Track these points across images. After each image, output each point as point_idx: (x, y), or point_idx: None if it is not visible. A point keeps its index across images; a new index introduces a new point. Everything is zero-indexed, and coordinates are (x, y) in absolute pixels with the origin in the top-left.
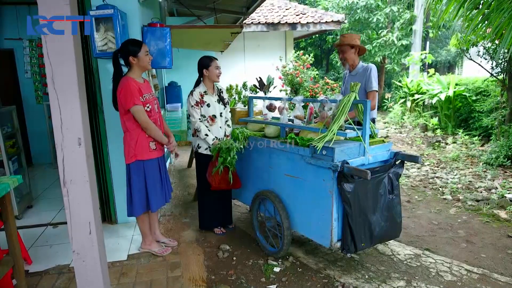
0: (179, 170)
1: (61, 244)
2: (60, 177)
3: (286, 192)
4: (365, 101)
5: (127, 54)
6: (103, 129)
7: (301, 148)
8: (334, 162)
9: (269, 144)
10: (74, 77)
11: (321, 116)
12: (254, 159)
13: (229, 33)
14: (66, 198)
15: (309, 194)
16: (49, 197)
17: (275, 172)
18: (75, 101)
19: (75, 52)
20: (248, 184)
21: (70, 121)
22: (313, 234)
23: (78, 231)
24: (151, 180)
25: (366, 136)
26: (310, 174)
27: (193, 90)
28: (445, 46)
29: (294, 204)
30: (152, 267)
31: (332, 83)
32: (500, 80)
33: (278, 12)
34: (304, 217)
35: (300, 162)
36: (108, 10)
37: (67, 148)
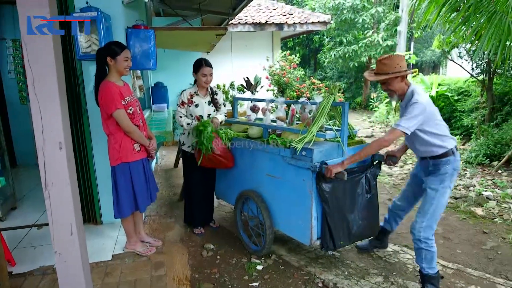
0: (166, 170)
1: (45, 246)
2: (42, 180)
3: (268, 191)
4: (344, 103)
5: (106, 53)
6: (87, 130)
7: (282, 149)
8: (313, 162)
9: (251, 145)
10: (54, 81)
11: (302, 117)
12: (237, 159)
13: (214, 34)
14: (47, 200)
15: (290, 194)
16: (33, 198)
17: (257, 172)
18: (56, 106)
19: (55, 57)
20: (232, 184)
21: (51, 125)
22: (294, 232)
23: (60, 232)
24: (137, 181)
25: (344, 137)
26: (291, 174)
27: (184, 90)
28: (430, 46)
29: (275, 203)
30: (136, 266)
31: (318, 83)
32: (480, 81)
33: (265, 12)
34: (285, 216)
35: (281, 162)
36: (91, 13)
37: (48, 151)
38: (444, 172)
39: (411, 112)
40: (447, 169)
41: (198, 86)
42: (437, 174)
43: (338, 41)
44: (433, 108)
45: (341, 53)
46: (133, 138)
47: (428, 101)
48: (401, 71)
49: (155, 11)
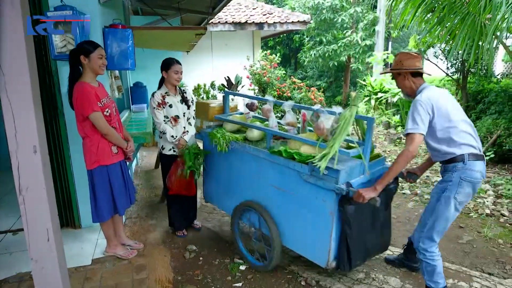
0: (146, 171)
1: (21, 252)
2: (16, 185)
3: (275, 205)
4: (370, 118)
5: (79, 52)
6: (64, 132)
7: (298, 164)
8: (338, 185)
9: (259, 153)
10: (27, 83)
11: (317, 127)
12: (237, 165)
13: (194, 34)
14: (22, 206)
15: (304, 212)
16: (8, 203)
17: (263, 183)
18: (29, 108)
19: (28, 57)
20: (229, 191)
21: (24, 129)
22: (307, 252)
23: (36, 238)
24: (116, 184)
25: (367, 155)
26: (307, 191)
27: (154, 92)
28: (407, 46)
29: (284, 219)
30: (117, 270)
31: (299, 82)
32: (455, 80)
33: (245, 12)
34: (297, 234)
35: (295, 177)
36: (66, 11)
37: (22, 155)
38: (448, 179)
39: (411, 112)
40: (451, 177)
41: (168, 85)
42: (441, 181)
43: (318, 40)
44: (446, 108)
45: (321, 53)
46: (110, 140)
47: (435, 98)
48: (402, 68)
49: (133, 10)
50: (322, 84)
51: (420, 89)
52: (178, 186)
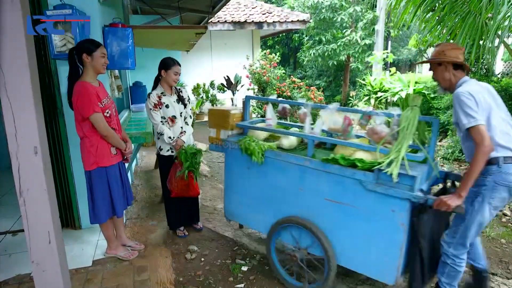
0: (146, 171)
1: (21, 253)
2: (16, 187)
3: (328, 220)
4: (435, 119)
5: (82, 51)
6: (64, 132)
7: (360, 172)
8: (415, 192)
9: (306, 163)
10: (28, 83)
11: (372, 131)
12: (273, 177)
13: (194, 33)
14: (23, 207)
15: (366, 225)
16: (7, 203)
17: (309, 196)
18: (30, 108)
19: (29, 57)
20: (262, 207)
21: (25, 129)
22: (369, 270)
23: (37, 240)
24: (114, 185)
25: (432, 158)
26: (370, 202)
27: (150, 93)
28: (406, 45)
29: (339, 235)
30: (118, 272)
31: (298, 82)
32: None
33: (244, 11)
34: (356, 250)
35: (355, 187)
36: (66, 10)
37: (23, 157)
38: (482, 183)
39: (458, 108)
40: (485, 181)
41: (164, 85)
42: (475, 185)
43: (317, 39)
44: (487, 104)
45: (320, 52)
46: (109, 142)
47: (476, 92)
48: (444, 59)
49: (132, 9)
50: (321, 83)
51: (460, 82)
52: (180, 188)
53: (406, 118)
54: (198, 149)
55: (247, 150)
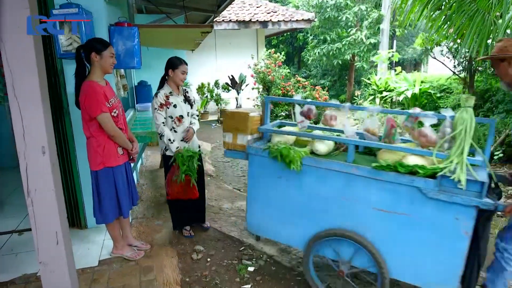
0: (151, 170)
1: (27, 252)
2: (24, 187)
3: (375, 231)
4: (492, 120)
5: (91, 50)
6: (70, 132)
7: (419, 179)
8: (482, 199)
9: (354, 170)
10: (36, 82)
11: (421, 134)
12: (309, 186)
13: (199, 32)
14: (30, 208)
15: (424, 234)
16: (13, 203)
17: (355, 206)
18: (38, 108)
19: (37, 56)
20: (296, 219)
21: (32, 129)
22: (426, 281)
23: (45, 241)
24: (121, 186)
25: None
26: (428, 210)
27: (158, 92)
28: (411, 44)
29: (391, 246)
30: (124, 272)
31: (303, 81)
32: (462, 78)
33: (249, 10)
34: (410, 261)
35: (412, 195)
36: (72, 9)
37: (31, 156)
38: None
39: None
40: None
41: (171, 85)
42: None
43: (322, 39)
44: None
45: (325, 51)
46: (116, 142)
47: None
48: (505, 54)
49: (137, 8)
50: (326, 82)
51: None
52: (176, 192)
53: (462, 120)
54: (194, 151)
55: (283, 157)
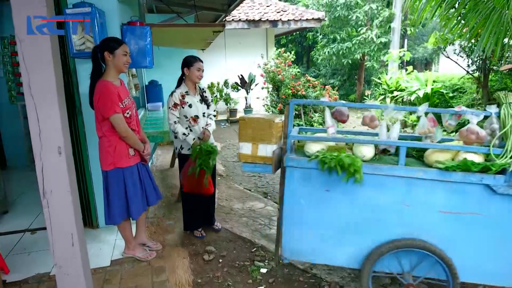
0: (162, 170)
1: (40, 251)
2: (40, 188)
3: (445, 235)
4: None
5: (104, 49)
6: (82, 131)
7: (489, 176)
8: None
9: (416, 174)
10: (52, 82)
11: (469, 131)
12: (365, 196)
13: (211, 31)
14: (46, 209)
15: (495, 232)
16: (26, 201)
17: (419, 212)
18: (54, 108)
19: (53, 56)
20: (349, 236)
21: (49, 129)
22: (501, 279)
23: (60, 243)
24: (131, 187)
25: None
26: (498, 206)
27: (174, 91)
28: (422, 43)
29: (461, 248)
30: (136, 272)
31: (313, 81)
32: (476, 78)
33: (258, 9)
34: (482, 261)
35: (480, 193)
36: (85, 8)
37: (47, 157)
38: None
39: None
40: None
41: (188, 84)
42: None
43: (332, 38)
44: None
45: (335, 50)
46: (128, 143)
47: None
48: None
49: (147, 8)
50: (335, 82)
51: None
52: (190, 184)
53: (509, 115)
54: (214, 148)
55: (346, 166)
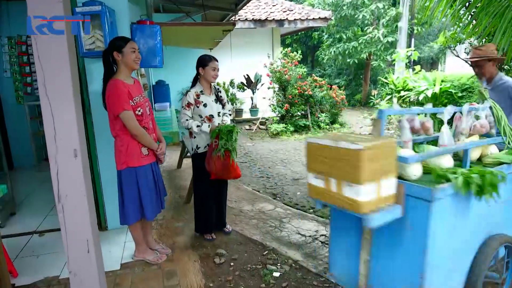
0: (169, 171)
1: (48, 254)
2: (55, 192)
3: None
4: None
5: (112, 49)
6: (91, 132)
7: None
8: None
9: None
10: (68, 82)
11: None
12: None
13: (221, 30)
14: (61, 214)
15: None
16: (33, 202)
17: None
18: (70, 108)
19: (70, 55)
20: None
21: (64, 131)
22: None
23: (75, 250)
24: (144, 187)
25: None
26: None
27: (188, 91)
28: (428, 42)
29: None
30: (147, 276)
31: (320, 80)
32: None
33: (265, 9)
34: None
35: None
36: (95, 7)
37: (62, 160)
38: None
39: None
40: None
41: (203, 83)
42: None
43: (338, 37)
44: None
45: (341, 50)
46: (140, 141)
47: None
48: (493, 55)
49: (154, 7)
50: (341, 82)
51: (499, 75)
52: (218, 169)
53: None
54: (233, 126)
55: None
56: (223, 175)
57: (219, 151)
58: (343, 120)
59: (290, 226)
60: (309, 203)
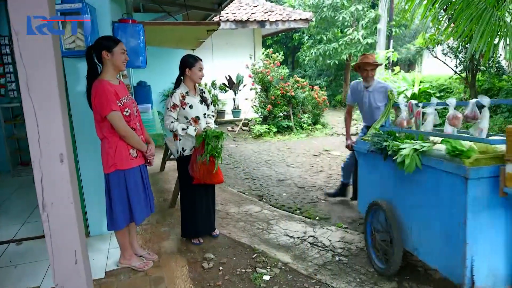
0: (152, 174)
1: (27, 264)
2: (39, 200)
3: None
4: None
5: (101, 48)
6: (72, 135)
7: None
8: None
9: None
10: (53, 81)
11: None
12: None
13: (205, 30)
14: (46, 224)
15: None
16: (9, 210)
17: None
18: (56, 110)
19: (54, 50)
20: None
21: (50, 134)
22: None
23: (62, 261)
24: (133, 190)
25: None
26: None
27: (174, 92)
28: (404, 44)
29: None
30: (133, 284)
31: (302, 81)
32: (464, 78)
33: (246, 10)
34: None
35: None
36: (75, 4)
37: (47, 165)
38: None
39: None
40: None
41: (188, 84)
42: None
43: (318, 39)
44: None
45: (321, 51)
46: (129, 143)
47: None
48: (379, 63)
49: (134, 7)
50: (321, 83)
51: (376, 79)
52: (201, 174)
53: None
54: (220, 132)
55: None
56: (206, 180)
57: (204, 157)
58: (325, 120)
59: (278, 228)
60: (296, 204)
